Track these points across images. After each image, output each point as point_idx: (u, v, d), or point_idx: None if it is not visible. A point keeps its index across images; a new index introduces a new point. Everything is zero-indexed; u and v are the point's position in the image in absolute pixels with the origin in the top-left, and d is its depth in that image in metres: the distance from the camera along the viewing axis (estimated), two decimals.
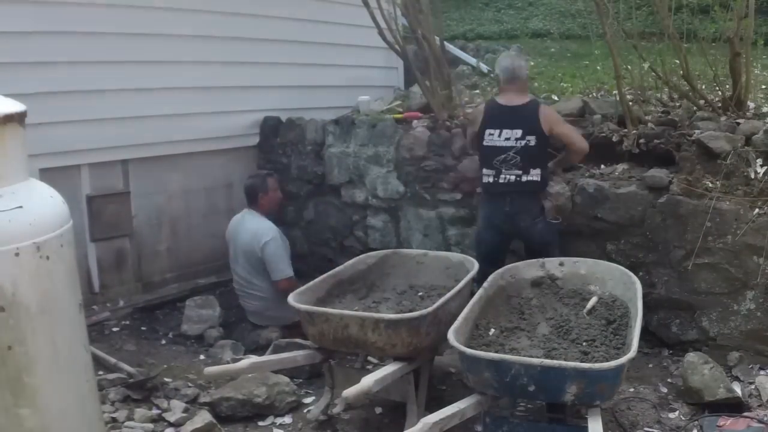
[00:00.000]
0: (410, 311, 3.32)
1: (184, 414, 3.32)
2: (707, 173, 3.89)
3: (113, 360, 3.80)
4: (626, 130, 4.28)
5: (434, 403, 3.19)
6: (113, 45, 4.68)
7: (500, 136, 3.85)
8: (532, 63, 7.42)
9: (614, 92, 4.70)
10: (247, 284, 4.56)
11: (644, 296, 3.22)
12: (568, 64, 7.37)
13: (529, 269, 3.63)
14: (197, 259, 5.48)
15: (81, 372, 2.35)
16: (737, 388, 3.45)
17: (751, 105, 4.43)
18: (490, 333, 3.14)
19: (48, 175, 3.40)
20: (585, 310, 3.32)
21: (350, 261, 3.99)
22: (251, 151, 5.88)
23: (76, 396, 2.32)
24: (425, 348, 3.24)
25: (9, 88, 2.56)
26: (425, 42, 5.33)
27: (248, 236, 4.51)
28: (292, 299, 3.35)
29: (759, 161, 3.78)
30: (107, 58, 4.67)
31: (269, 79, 5.80)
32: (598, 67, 6.48)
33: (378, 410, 3.57)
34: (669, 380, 3.75)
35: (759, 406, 3.37)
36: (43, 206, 2.22)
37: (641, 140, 4.19)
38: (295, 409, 3.57)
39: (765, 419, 3.19)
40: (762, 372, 3.66)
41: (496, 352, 2.84)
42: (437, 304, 3.19)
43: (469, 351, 2.75)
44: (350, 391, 2.80)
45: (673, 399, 3.57)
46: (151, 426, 3.25)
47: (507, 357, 2.71)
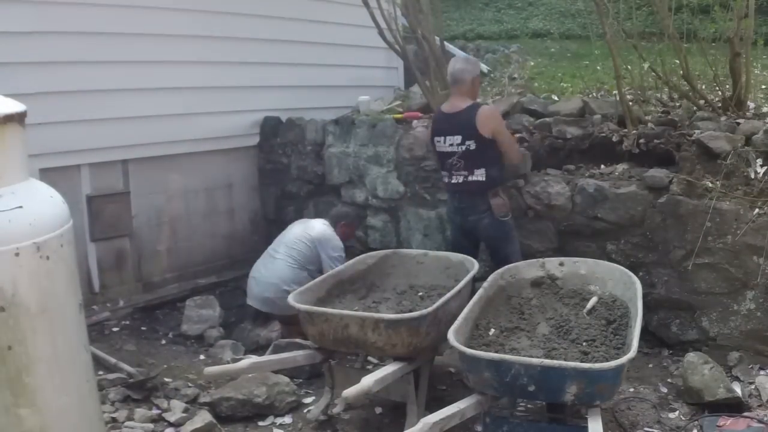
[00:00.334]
0: (410, 311, 3.32)
1: (184, 414, 3.32)
2: (707, 173, 3.89)
3: (113, 360, 3.80)
4: (626, 130, 4.28)
5: (434, 403, 3.19)
6: (113, 45, 4.69)
7: (445, 143, 4.02)
8: (532, 63, 7.43)
9: (614, 92, 4.70)
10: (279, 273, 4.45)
11: (644, 296, 3.22)
12: (568, 64, 7.36)
13: (529, 269, 3.63)
14: (197, 259, 5.48)
15: (81, 372, 2.35)
16: (737, 388, 3.45)
17: (751, 105, 4.42)
18: (490, 333, 3.14)
19: (48, 175, 3.41)
20: (585, 310, 3.32)
21: (350, 261, 4.00)
22: (251, 151, 5.89)
23: (76, 396, 2.32)
24: (425, 348, 3.24)
25: (9, 88, 2.57)
26: (425, 42, 5.34)
27: (306, 226, 4.58)
28: (292, 299, 3.36)
29: (759, 161, 3.78)
30: (107, 58, 4.67)
31: (269, 79, 5.80)
32: (598, 67, 6.47)
33: (378, 410, 3.57)
34: (669, 380, 3.75)
35: (759, 406, 3.37)
36: (43, 206, 2.22)
37: (641, 140, 4.19)
38: (295, 409, 3.57)
39: (765, 419, 3.19)
40: (762, 372, 3.66)
41: (496, 352, 2.84)
42: (437, 304, 3.19)
43: (469, 351, 2.75)
44: (350, 391, 2.80)
45: (673, 399, 3.57)
46: (151, 426, 3.25)
47: (507, 357, 2.71)
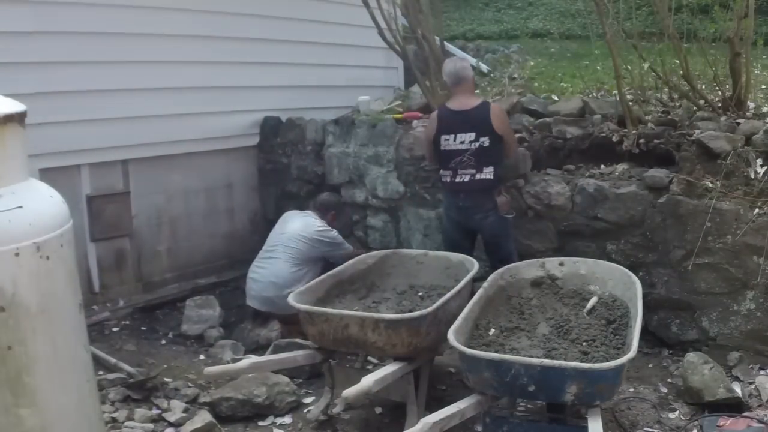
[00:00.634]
0: (410, 311, 3.32)
1: (184, 414, 3.33)
2: (707, 173, 3.89)
3: (113, 360, 3.80)
4: (626, 130, 4.28)
5: (434, 403, 3.19)
6: (113, 45, 4.68)
7: (455, 140, 4.01)
8: (532, 63, 7.43)
9: (614, 92, 4.70)
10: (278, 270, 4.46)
11: (644, 296, 3.23)
12: (568, 64, 7.36)
13: (529, 269, 3.63)
14: (197, 259, 5.48)
15: (81, 372, 2.35)
16: (737, 388, 3.45)
17: (751, 105, 4.43)
18: (490, 333, 3.14)
19: (48, 175, 3.41)
20: (585, 310, 3.32)
21: (350, 261, 3.99)
22: (251, 151, 5.89)
23: (76, 396, 2.32)
24: (425, 348, 3.24)
25: (9, 88, 2.56)
26: (425, 42, 5.34)
27: (301, 224, 4.59)
28: (292, 299, 3.36)
29: (759, 161, 3.78)
30: (107, 58, 4.67)
31: (269, 79, 5.80)
32: (598, 67, 6.47)
33: (378, 410, 3.57)
34: (669, 380, 3.75)
35: (759, 406, 3.37)
36: (43, 206, 2.22)
37: (641, 140, 4.19)
38: (295, 409, 3.57)
39: (765, 419, 3.18)
40: (762, 372, 3.66)
41: (496, 352, 2.84)
42: (437, 304, 3.19)
43: (469, 351, 2.75)
44: (350, 391, 2.80)
45: (673, 399, 3.57)
46: (151, 426, 3.25)
47: (507, 357, 2.71)
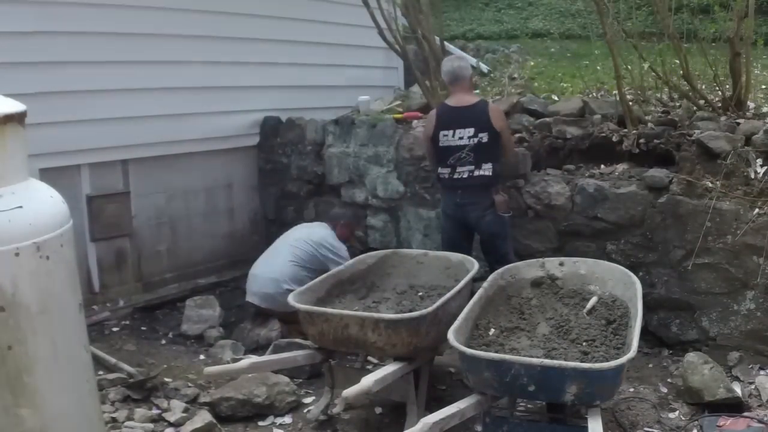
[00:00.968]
0: (410, 311, 3.32)
1: (184, 414, 3.32)
2: (707, 173, 3.89)
3: (113, 360, 3.80)
4: (626, 130, 4.28)
5: (434, 403, 3.20)
6: (113, 45, 4.68)
7: (454, 136, 4.05)
8: (532, 63, 7.42)
9: (614, 92, 4.70)
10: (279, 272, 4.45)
11: (644, 296, 3.23)
12: (568, 64, 7.35)
13: (529, 269, 3.63)
14: (197, 259, 5.48)
15: (81, 372, 2.35)
16: (737, 388, 3.45)
17: (751, 105, 4.43)
18: (490, 333, 3.14)
19: (48, 175, 3.40)
20: (585, 310, 3.32)
21: (350, 261, 4.00)
22: (251, 151, 5.89)
23: (76, 396, 2.31)
24: (425, 348, 3.24)
25: (9, 88, 2.56)
26: (425, 42, 5.34)
27: (310, 230, 4.62)
28: (293, 299, 3.36)
29: (759, 161, 3.78)
30: (107, 58, 4.67)
31: (269, 79, 5.80)
32: (598, 67, 6.46)
33: (378, 410, 3.57)
34: (669, 380, 3.75)
35: (759, 406, 3.37)
36: (43, 206, 2.22)
37: (641, 140, 4.19)
38: (295, 409, 3.57)
39: (765, 419, 3.19)
40: (762, 372, 3.66)
41: (496, 352, 2.84)
42: (437, 304, 3.19)
43: (469, 351, 2.75)
44: (350, 391, 2.80)
45: (673, 399, 3.57)
46: (151, 426, 3.25)
47: (507, 357, 2.71)
